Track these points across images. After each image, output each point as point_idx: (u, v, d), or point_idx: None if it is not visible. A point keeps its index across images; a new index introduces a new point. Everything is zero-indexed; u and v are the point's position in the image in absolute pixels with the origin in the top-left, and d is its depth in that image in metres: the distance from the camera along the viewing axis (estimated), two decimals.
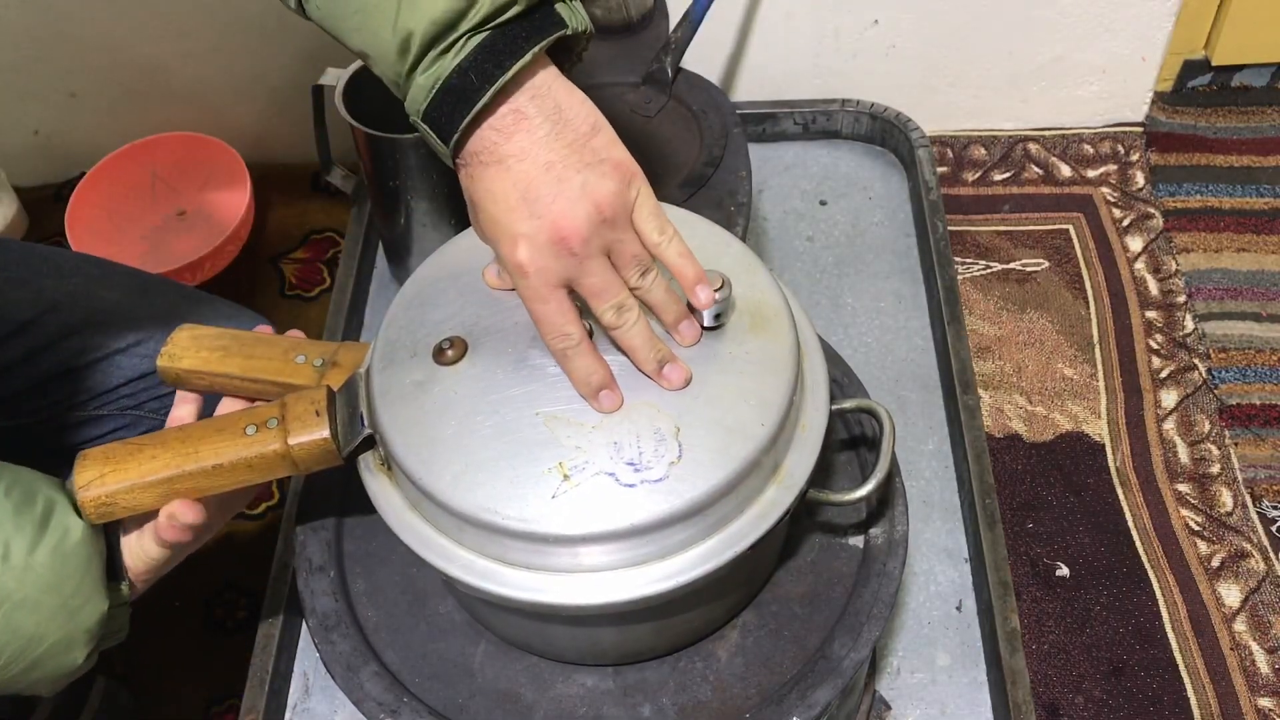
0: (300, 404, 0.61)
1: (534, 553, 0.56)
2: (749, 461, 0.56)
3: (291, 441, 0.59)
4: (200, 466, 0.59)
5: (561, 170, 0.56)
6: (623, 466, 0.55)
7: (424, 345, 0.61)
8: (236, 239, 1.31)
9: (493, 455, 0.56)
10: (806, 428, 0.61)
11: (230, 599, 1.09)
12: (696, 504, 0.55)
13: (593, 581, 0.56)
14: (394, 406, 0.59)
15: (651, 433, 0.56)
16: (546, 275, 0.56)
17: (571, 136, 0.56)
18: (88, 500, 0.59)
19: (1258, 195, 1.34)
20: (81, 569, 0.58)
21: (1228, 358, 1.20)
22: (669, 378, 0.58)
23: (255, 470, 0.60)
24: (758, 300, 0.62)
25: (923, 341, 1.13)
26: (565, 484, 0.55)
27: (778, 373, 0.59)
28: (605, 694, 0.65)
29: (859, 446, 0.74)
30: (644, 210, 0.58)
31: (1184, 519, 1.09)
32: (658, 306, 0.59)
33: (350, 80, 1.02)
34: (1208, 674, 0.99)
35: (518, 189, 0.56)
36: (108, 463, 0.59)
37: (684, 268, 0.59)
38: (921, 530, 1.00)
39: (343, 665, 0.65)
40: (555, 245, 0.55)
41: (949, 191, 1.35)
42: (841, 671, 0.63)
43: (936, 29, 1.30)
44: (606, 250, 0.57)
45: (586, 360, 0.57)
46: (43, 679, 0.59)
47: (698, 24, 1.06)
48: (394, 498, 0.60)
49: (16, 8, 1.28)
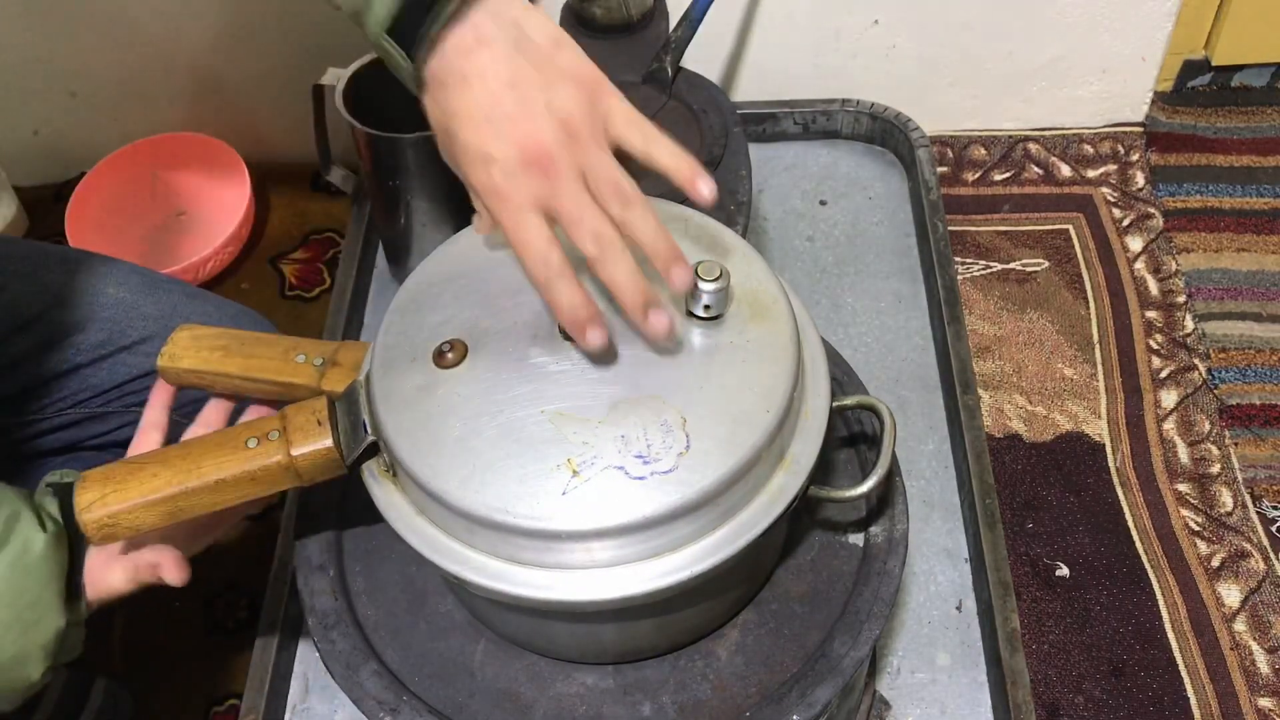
0: (301, 414, 0.60)
1: (546, 550, 0.56)
2: (756, 449, 0.56)
3: (294, 452, 0.59)
4: (203, 482, 0.59)
5: (525, 88, 0.54)
6: (631, 460, 0.55)
7: (423, 349, 0.60)
8: (236, 239, 1.31)
9: (500, 455, 0.56)
10: (810, 414, 0.61)
11: (230, 599, 1.09)
12: (707, 493, 0.55)
13: (605, 577, 0.56)
14: (397, 412, 0.58)
15: (658, 425, 0.56)
16: (521, 197, 0.54)
17: (533, 53, 0.55)
18: (90, 522, 0.58)
19: (1258, 195, 1.34)
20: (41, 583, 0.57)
21: (1228, 358, 1.20)
22: (653, 323, 0.55)
23: (259, 483, 0.60)
24: (755, 290, 0.62)
25: (923, 341, 1.13)
26: (575, 480, 0.55)
27: (779, 360, 0.59)
28: (605, 693, 0.65)
29: (859, 444, 0.74)
30: (618, 119, 0.56)
31: (1184, 519, 1.09)
32: (647, 244, 0.55)
33: (350, 80, 1.02)
34: (1208, 674, 0.99)
35: (481, 109, 0.55)
36: (108, 483, 0.58)
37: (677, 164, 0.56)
38: (921, 530, 1.00)
39: (342, 664, 0.65)
40: (525, 165, 0.54)
41: (949, 191, 1.35)
42: (841, 670, 0.63)
43: (936, 29, 1.30)
44: (582, 172, 0.55)
45: (571, 289, 0.54)
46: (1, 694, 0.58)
47: (698, 24, 1.06)
48: (401, 504, 0.60)
49: (17, 7, 1.28)
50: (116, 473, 0.59)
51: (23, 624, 0.56)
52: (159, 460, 0.59)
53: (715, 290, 0.59)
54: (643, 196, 0.56)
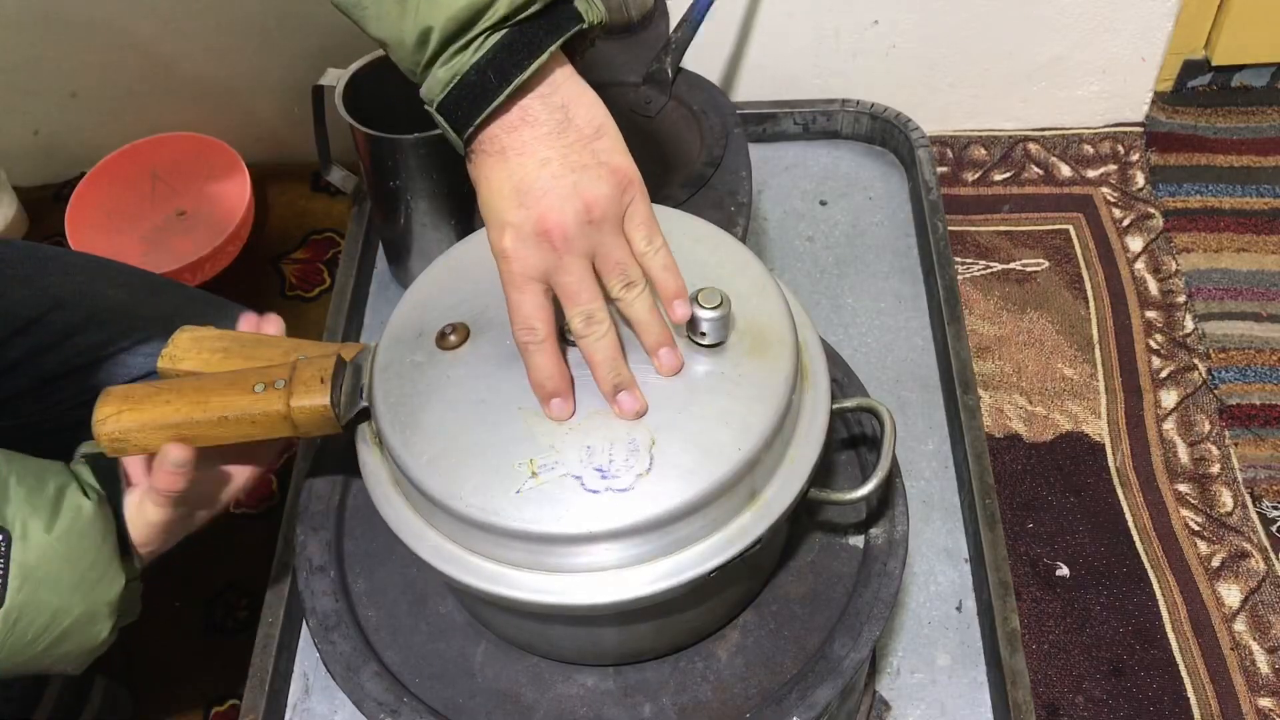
0: (309, 369, 0.62)
1: (494, 544, 0.56)
2: (718, 484, 0.55)
3: (293, 404, 0.61)
4: (208, 416, 0.61)
5: (558, 168, 0.56)
6: (590, 472, 0.55)
7: (431, 328, 0.62)
8: (236, 239, 1.31)
9: (470, 443, 0.57)
10: (794, 460, 0.60)
11: (230, 599, 1.09)
12: (657, 520, 0.55)
13: (547, 580, 0.56)
14: (389, 383, 0.60)
15: (626, 442, 0.56)
16: (525, 265, 0.56)
17: (574, 137, 0.57)
18: (104, 434, 0.61)
19: (1258, 195, 1.34)
20: (97, 544, 0.60)
21: (1228, 358, 1.20)
22: (622, 404, 0.57)
23: (258, 426, 0.62)
24: (764, 324, 0.61)
25: (923, 341, 1.13)
26: (532, 481, 0.55)
27: (766, 400, 0.58)
28: (605, 694, 0.65)
29: (859, 446, 0.74)
30: (636, 218, 0.58)
31: (1184, 519, 1.09)
32: (639, 325, 0.58)
33: (350, 80, 1.02)
34: (1208, 674, 0.99)
35: (512, 180, 0.57)
36: (126, 401, 0.62)
37: (666, 280, 0.59)
38: (921, 530, 1.00)
39: (343, 665, 0.65)
40: (538, 237, 0.56)
41: (949, 191, 1.35)
42: (842, 671, 0.63)
43: (936, 29, 1.30)
44: (591, 254, 0.57)
45: (546, 360, 0.57)
46: (71, 652, 0.61)
47: (698, 24, 1.06)
48: (381, 472, 0.62)
49: (17, 7, 1.28)
50: (136, 393, 0.62)
51: (87, 584, 0.60)
52: (174, 389, 0.63)
53: (714, 319, 0.58)
54: (645, 285, 0.58)
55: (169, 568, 1.11)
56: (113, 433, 0.61)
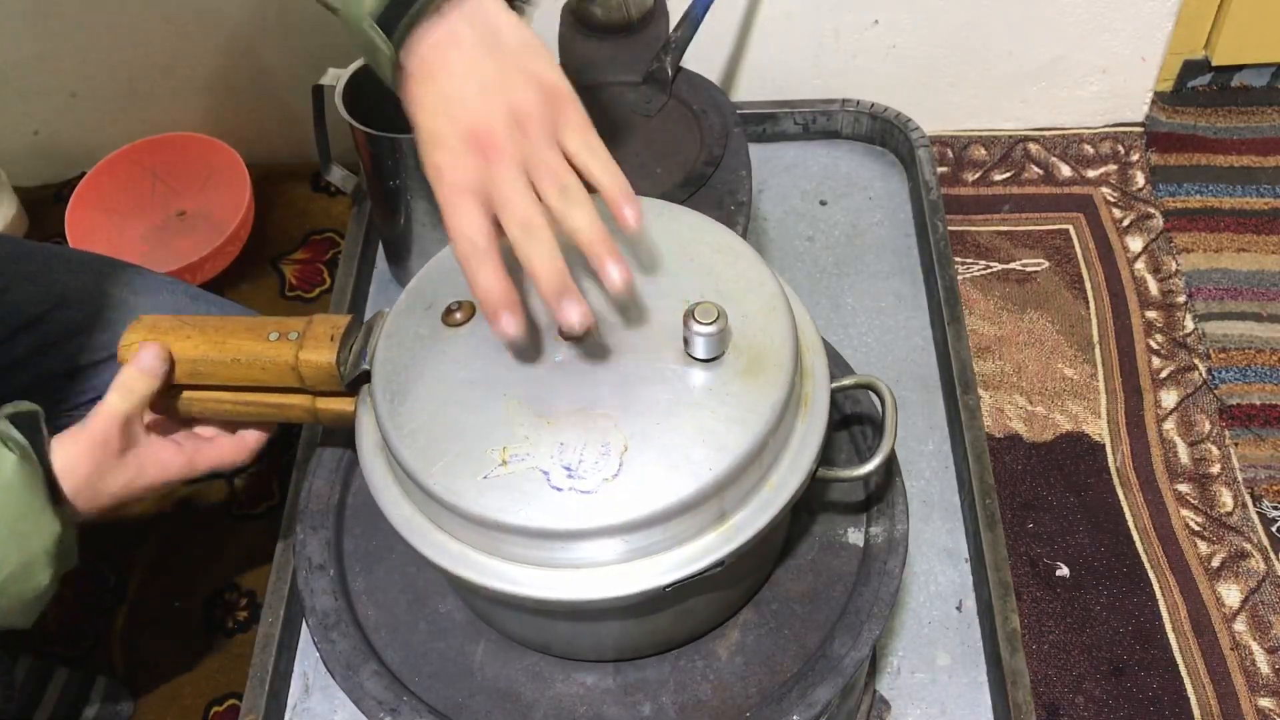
0: (322, 326, 0.64)
1: (456, 525, 0.57)
2: (682, 501, 0.54)
3: (301, 356, 0.63)
4: (221, 357, 0.64)
5: (487, 85, 0.57)
6: (558, 468, 0.55)
7: (441, 301, 0.62)
8: (236, 239, 1.31)
9: (449, 422, 0.57)
10: (774, 487, 0.58)
11: (230, 599, 1.09)
12: (614, 528, 0.54)
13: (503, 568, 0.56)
14: (391, 350, 0.61)
15: (599, 443, 0.55)
16: (457, 177, 0.56)
17: (502, 55, 0.58)
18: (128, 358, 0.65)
19: (1258, 195, 1.34)
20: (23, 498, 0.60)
21: (1228, 358, 1.20)
22: (566, 311, 0.54)
23: (267, 373, 0.64)
24: (765, 346, 0.59)
25: (923, 341, 1.13)
26: (500, 469, 0.55)
27: (748, 424, 0.56)
28: (605, 693, 0.65)
29: (856, 432, 0.74)
30: (570, 126, 0.58)
31: (1184, 519, 1.09)
32: (580, 236, 0.55)
33: (350, 80, 1.02)
34: (1208, 674, 0.99)
35: (440, 96, 0.58)
36: (154, 330, 0.66)
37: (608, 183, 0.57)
38: (921, 530, 1.00)
39: (343, 664, 0.65)
40: (467, 146, 0.56)
41: (949, 191, 1.35)
42: (842, 670, 0.63)
43: (936, 29, 1.30)
44: (524, 163, 0.56)
45: (489, 271, 0.55)
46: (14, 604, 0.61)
47: (698, 24, 1.06)
48: (372, 433, 0.63)
49: (18, 7, 1.28)
50: (162, 324, 0.66)
51: (19, 536, 0.60)
52: (197, 326, 0.66)
53: (708, 335, 0.56)
54: (586, 195, 0.56)
55: (169, 568, 1.11)
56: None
